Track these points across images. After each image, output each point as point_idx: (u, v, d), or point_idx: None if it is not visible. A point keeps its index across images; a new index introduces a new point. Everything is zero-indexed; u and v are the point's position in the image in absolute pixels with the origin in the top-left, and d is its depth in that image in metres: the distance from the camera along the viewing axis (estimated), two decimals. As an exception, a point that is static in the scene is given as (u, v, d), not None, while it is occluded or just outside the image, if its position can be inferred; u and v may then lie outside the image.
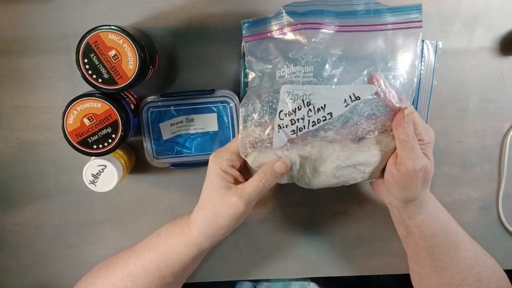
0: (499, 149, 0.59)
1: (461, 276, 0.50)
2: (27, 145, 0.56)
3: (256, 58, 0.44)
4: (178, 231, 0.50)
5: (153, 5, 0.52)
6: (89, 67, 0.44)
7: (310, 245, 0.61)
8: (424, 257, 0.51)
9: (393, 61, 0.44)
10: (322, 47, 0.44)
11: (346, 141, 0.45)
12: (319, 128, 0.45)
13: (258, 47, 0.44)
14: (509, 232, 0.61)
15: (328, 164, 0.46)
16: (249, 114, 0.44)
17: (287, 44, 0.44)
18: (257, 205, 0.59)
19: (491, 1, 0.54)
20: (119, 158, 0.52)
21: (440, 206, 0.51)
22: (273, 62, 0.44)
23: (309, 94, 0.43)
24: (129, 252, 0.53)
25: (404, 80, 0.44)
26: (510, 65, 0.56)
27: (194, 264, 0.52)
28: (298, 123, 0.44)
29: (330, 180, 0.47)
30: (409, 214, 0.48)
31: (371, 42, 0.44)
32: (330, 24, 0.44)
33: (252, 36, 0.44)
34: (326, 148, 0.45)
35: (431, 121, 0.57)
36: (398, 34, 0.44)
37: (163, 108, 0.53)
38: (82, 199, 0.58)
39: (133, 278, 0.50)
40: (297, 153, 0.45)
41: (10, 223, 0.58)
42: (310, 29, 0.44)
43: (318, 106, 0.44)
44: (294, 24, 0.44)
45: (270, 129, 0.44)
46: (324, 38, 0.44)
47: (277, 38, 0.44)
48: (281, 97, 0.44)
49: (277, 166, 0.44)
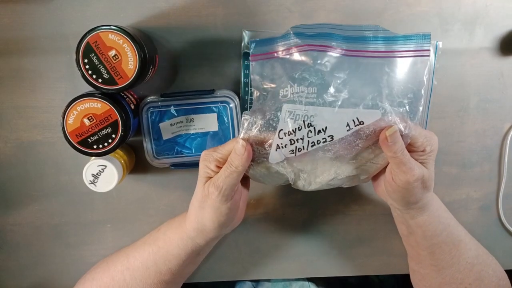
0: (499, 149, 0.59)
1: (462, 275, 0.50)
2: (27, 145, 0.56)
3: (261, 77, 0.44)
4: (177, 225, 0.51)
5: (153, 5, 0.52)
6: (89, 67, 0.44)
7: (310, 245, 0.61)
8: (425, 256, 0.51)
9: (399, 88, 0.44)
10: (327, 69, 0.43)
11: (344, 157, 0.45)
12: (318, 148, 0.44)
13: (264, 66, 0.44)
14: (509, 232, 0.61)
15: (325, 176, 0.46)
16: (250, 128, 0.44)
17: (292, 64, 0.44)
18: (257, 205, 0.60)
19: (491, 1, 0.54)
20: (119, 158, 0.52)
21: (442, 205, 0.51)
22: (278, 81, 0.44)
23: (311, 115, 0.43)
24: (130, 247, 0.53)
25: (409, 107, 0.44)
26: (510, 65, 0.56)
27: (191, 262, 0.52)
28: (297, 143, 0.43)
29: (325, 187, 0.47)
30: (411, 215, 0.48)
31: (377, 68, 0.44)
32: (337, 48, 0.44)
33: (259, 55, 0.44)
34: (324, 163, 0.45)
35: (431, 121, 0.57)
36: (406, 62, 0.44)
37: (163, 108, 0.53)
38: (82, 199, 0.58)
39: (131, 272, 0.50)
40: (296, 166, 0.46)
41: (10, 223, 0.58)
42: (316, 51, 0.43)
43: (319, 128, 0.43)
44: (301, 45, 0.43)
45: (268, 145, 0.44)
46: (330, 60, 0.43)
47: (283, 58, 0.44)
48: (282, 116, 0.43)
49: (237, 149, 0.43)
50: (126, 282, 0.50)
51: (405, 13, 0.54)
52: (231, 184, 0.44)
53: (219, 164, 0.45)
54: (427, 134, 0.44)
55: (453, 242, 0.50)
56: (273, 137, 0.44)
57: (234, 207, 0.46)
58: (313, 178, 0.46)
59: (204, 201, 0.45)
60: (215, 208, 0.45)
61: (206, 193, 0.45)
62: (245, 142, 0.44)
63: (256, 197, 0.59)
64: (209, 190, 0.44)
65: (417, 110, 0.44)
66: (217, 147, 0.45)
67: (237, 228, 0.55)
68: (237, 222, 0.52)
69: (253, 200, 0.59)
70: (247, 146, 0.43)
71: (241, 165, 0.43)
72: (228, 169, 0.43)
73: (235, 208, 0.47)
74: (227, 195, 0.44)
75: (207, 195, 0.44)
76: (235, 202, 0.46)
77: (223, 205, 0.45)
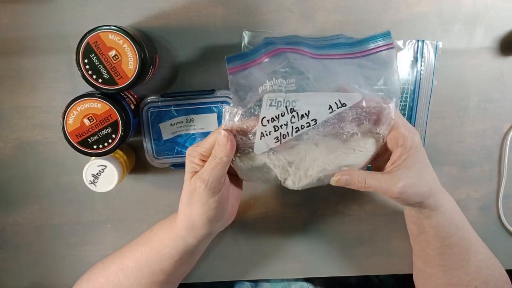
0: (499, 149, 0.59)
1: (469, 277, 0.50)
2: (27, 145, 0.56)
3: (238, 85, 0.45)
4: (168, 226, 0.51)
5: (153, 5, 0.52)
6: (89, 67, 0.44)
7: (310, 245, 0.61)
8: (434, 256, 0.50)
9: (373, 77, 0.45)
10: (302, 68, 0.44)
11: (332, 142, 0.45)
12: (303, 134, 0.45)
13: (241, 75, 0.45)
14: (509, 232, 0.61)
15: (314, 168, 0.46)
16: (232, 119, 0.44)
17: (268, 64, 0.45)
18: (257, 205, 0.60)
19: (491, 1, 0.54)
20: (119, 158, 0.52)
21: (457, 207, 0.51)
22: (255, 82, 0.44)
23: (293, 100, 0.43)
24: (124, 248, 0.54)
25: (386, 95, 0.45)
26: (510, 65, 0.56)
27: (185, 262, 0.52)
28: (281, 129, 0.44)
29: (316, 183, 0.47)
30: (426, 215, 0.48)
31: (349, 63, 0.46)
32: (307, 52, 0.46)
33: (235, 68, 0.45)
34: (313, 151, 0.45)
35: (431, 121, 0.57)
36: (374, 56, 0.46)
37: (163, 108, 0.53)
38: (82, 199, 0.58)
39: (125, 273, 0.50)
40: (283, 158, 0.46)
41: (10, 223, 0.58)
42: (289, 52, 0.45)
43: (302, 112, 0.43)
44: (273, 50, 0.45)
45: (252, 135, 0.44)
46: (302, 60, 0.45)
47: (259, 63, 0.45)
48: (264, 104, 0.43)
49: (219, 139, 0.43)
50: (120, 283, 0.50)
51: (405, 13, 0.54)
52: (217, 177, 0.43)
53: (204, 158, 0.45)
54: (409, 126, 0.45)
55: (464, 245, 0.50)
56: (257, 126, 0.44)
57: (222, 200, 0.46)
58: (302, 171, 0.46)
59: (192, 197, 0.45)
60: (202, 202, 0.45)
61: (193, 187, 0.44)
62: (227, 132, 0.43)
63: (256, 197, 0.59)
64: (195, 184, 0.44)
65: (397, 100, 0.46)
66: (200, 141, 0.45)
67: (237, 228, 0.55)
68: (229, 219, 0.52)
69: (253, 200, 0.59)
70: (229, 136, 0.43)
71: (226, 156, 0.43)
72: (213, 161, 0.43)
73: (224, 202, 0.47)
74: (214, 187, 0.44)
75: (194, 189, 0.44)
76: (223, 196, 0.46)
77: (211, 198, 0.44)
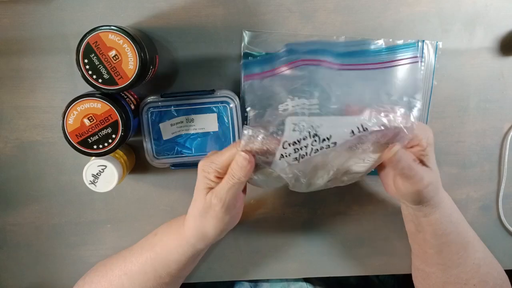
0: (499, 149, 0.59)
1: (467, 275, 0.50)
2: (27, 145, 0.56)
3: (255, 96, 0.44)
4: (174, 231, 0.51)
5: (153, 5, 0.52)
6: (89, 67, 0.44)
7: (310, 245, 0.61)
8: (432, 254, 0.50)
9: (396, 95, 0.44)
10: (325, 85, 0.43)
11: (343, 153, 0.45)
12: (320, 153, 0.44)
13: (258, 85, 0.44)
14: (509, 232, 0.61)
15: (325, 177, 0.46)
16: (252, 141, 0.43)
17: (288, 79, 0.44)
18: (257, 205, 0.60)
19: (491, 1, 0.54)
20: (119, 158, 0.52)
21: (454, 205, 0.51)
22: (275, 97, 0.44)
23: (317, 125, 0.43)
24: (127, 251, 0.53)
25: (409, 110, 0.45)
26: (510, 65, 0.56)
27: (191, 264, 0.52)
28: (301, 151, 0.43)
29: (323, 188, 0.48)
30: (424, 213, 0.48)
31: (372, 79, 0.45)
32: (331, 62, 0.44)
33: (252, 75, 0.44)
34: (324, 166, 0.45)
35: (431, 121, 0.57)
36: (398, 70, 0.45)
37: (163, 108, 0.53)
38: (82, 199, 0.58)
39: (129, 277, 0.50)
40: (297, 170, 0.45)
41: (10, 223, 0.58)
42: (311, 65, 0.44)
43: (323, 136, 0.43)
44: (295, 61, 0.44)
45: (270, 155, 0.44)
46: (325, 74, 0.44)
47: (278, 75, 0.44)
48: (287, 128, 0.43)
49: (239, 161, 0.43)
50: (124, 287, 0.50)
51: (405, 13, 0.54)
52: (234, 195, 0.44)
53: (219, 175, 0.44)
54: (422, 126, 0.45)
55: (461, 243, 0.50)
56: (276, 148, 0.43)
57: (235, 214, 0.47)
58: (312, 180, 0.46)
59: (206, 212, 0.45)
60: (218, 218, 0.45)
61: (208, 204, 0.44)
62: (248, 154, 0.43)
63: (256, 197, 0.59)
64: (211, 201, 0.44)
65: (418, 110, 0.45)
66: (215, 157, 0.45)
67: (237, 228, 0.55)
68: (234, 222, 0.52)
69: (253, 200, 0.59)
70: (250, 158, 0.43)
71: (244, 177, 0.43)
72: (231, 181, 0.43)
73: (237, 214, 0.47)
74: (230, 205, 0.44)
75: (210, 206, 0.44)
76: (236, 209, 0.47)
77: (227, 215, 0.45)
